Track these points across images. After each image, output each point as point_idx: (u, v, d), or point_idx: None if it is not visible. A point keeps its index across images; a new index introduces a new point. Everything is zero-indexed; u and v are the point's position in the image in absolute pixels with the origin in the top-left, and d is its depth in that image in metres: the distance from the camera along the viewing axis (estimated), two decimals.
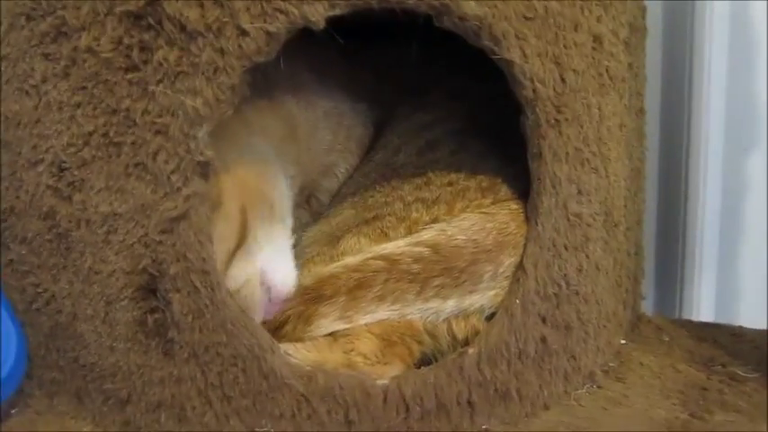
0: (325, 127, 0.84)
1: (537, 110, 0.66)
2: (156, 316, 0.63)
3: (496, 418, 0.67)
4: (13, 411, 0.73)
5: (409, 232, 0.72)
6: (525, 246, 0.69)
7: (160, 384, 0.64)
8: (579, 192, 0.71)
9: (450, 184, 0.75)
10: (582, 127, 0.70)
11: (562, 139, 0.68)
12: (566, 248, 0.71)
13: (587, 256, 0.74)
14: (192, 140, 0.58)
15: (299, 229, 0.79)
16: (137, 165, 0.61)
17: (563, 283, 0.71)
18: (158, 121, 0.59)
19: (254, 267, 0.68)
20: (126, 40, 0.59)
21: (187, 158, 0.59)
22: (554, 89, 0.66)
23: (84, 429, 0.69)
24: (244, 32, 0.56)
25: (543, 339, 0.70)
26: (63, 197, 0.65)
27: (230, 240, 0.67)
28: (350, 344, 0.65)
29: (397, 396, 0.63)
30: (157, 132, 0.59)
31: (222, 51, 0.57)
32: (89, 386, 0.69)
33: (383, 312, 0.68)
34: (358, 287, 0.67)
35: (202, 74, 0.57)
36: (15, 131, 0.68)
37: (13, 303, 0.73)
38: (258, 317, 0.67)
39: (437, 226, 0.70)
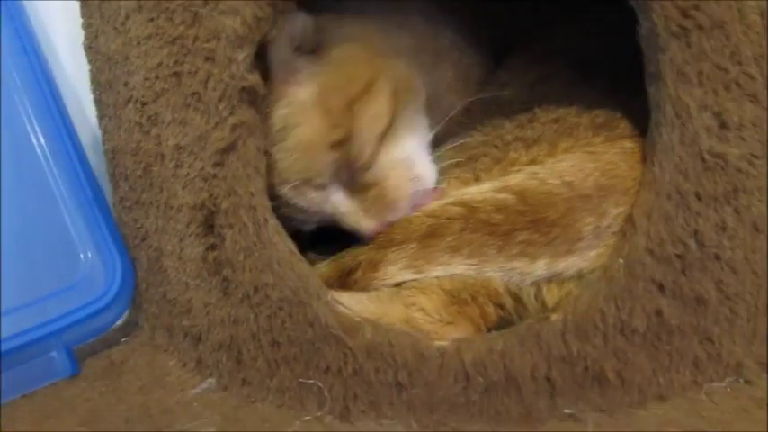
0: (448, 61, 0.75)
1: (652, 15, 0.51)
2: (215, 253, 0.61)
3: (586, 403, 0.54)
4: (123, 340, 0.77)
5: (504, 176, 0.62)
6: (638, 192, 0.55)
7: (221, 324, 0.62)
8: (723, 125, 0.54)
9: (556, 120, 0.62)
10: (728, 39, 0.53)
11: (691, 53, 0.52)
12: (698, 198, 0.54)
13: (737, 211, 0.56)
14: (234, 64, 0.54)
15: None
16: (193, 95, 0.59)
17: (692, 243, 0.55)
18: (206, 46, 0.56)
19: (402, 154, 0.64)
20: None
21: (232, 84, 0.55)
22: None
23: (170, 362, 0.70)
24: None
25: (659, 312, 0.55)
26: (144, 132, 0.66)
27: (382, 121, 0.63)
28: (412, 297, 0.57)
29: (455, 362, 0.54)
30: (206, 59, 0.57)
31: None
32: (173, 321, 0.70)
33: (458, 266, 0.58)
34: (430, 234, 0.59)
35: None
36: (114, 70, 0.70)
37: (125, 239, 0.77)
38: (405, 207, 0.63)
39: (528, 169, 0.59)
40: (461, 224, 0.58)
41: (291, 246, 0.58)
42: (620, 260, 0.54)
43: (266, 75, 0.58)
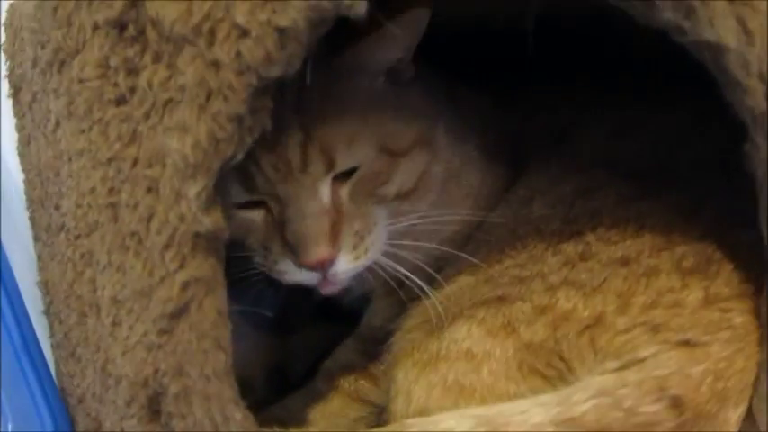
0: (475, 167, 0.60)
1: None
2: None
3: None
4: None
5: (553, 331, 0.45)
6: (757, 377, 0.38)
7: None
8: None
9: (623, 261, 0.46)
10: None
11: None
12: None
13: None
14: (184, 201, 0.39)
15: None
16: (132, 235, 0.43)
17: None
18: (148, 173, 0.41)
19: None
20: (112, 62, 0.42)
21: (181, 228, 0.40)
22: None
23: None
24: (243, 32, 0.36)
25: None
26: (78, 272, 0.51)
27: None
28: None
29: None
30: (148, 190, 0.41)
31: (216, 64, 0.37)
32: None
33: None
34: None
35: (191, 101, 0.37)
36: (46, 187, 0.56)
37: (63, 393, 0.60)
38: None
39: (595, 384, 0.42)
40: None
41: None
42: None
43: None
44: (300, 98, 0.47)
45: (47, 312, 0.61)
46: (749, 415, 0.38)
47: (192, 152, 0.38)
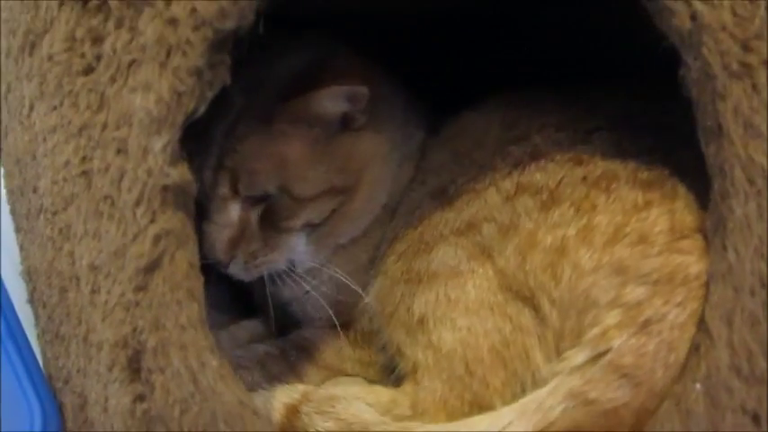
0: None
1: (703, 51, 0.38)
2: (144, 406, 0.45)
3: None
4: None
5: (522, 261, 0.46)
6: (708, 289, 0.40)
7: None
8: None
9: (578, 161, 0.47)
10: None
11: (760, 98, 0.38)
12: None
13: None
14: (151, 156, 0.41)
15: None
16: (105, 198, 0.45)
17: None
18: (116, 135, 0.43)
19: None
20: (78, 33, 0.44)
21: (150, 183, 0.41)
22: (732, 11, 0.38)
23: None
24: None
25: None
26: (57, 248, 0.52)
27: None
28: None
29: None
30: (118, 151, 0.43)
31: (174, 21, 0.39)
32: None
33: None
34: None
35: (153, 59, 0.39)
36: (24, 174, 0.57)
37: (50, 379, 0.61)
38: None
39: (565, 386, 0.43)
40: None
41: (242, 394, 0.42)
42: (697, 385, 0.39)
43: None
44: (234, 126, 0.53)
45: (31, 301, 0.62)
46: (704, 326, 0.40)
47: (155, 107, 0.40)
